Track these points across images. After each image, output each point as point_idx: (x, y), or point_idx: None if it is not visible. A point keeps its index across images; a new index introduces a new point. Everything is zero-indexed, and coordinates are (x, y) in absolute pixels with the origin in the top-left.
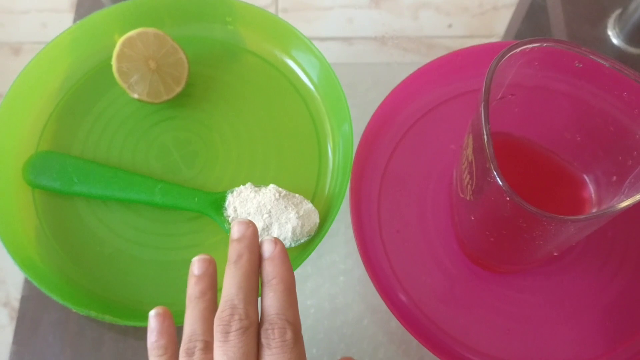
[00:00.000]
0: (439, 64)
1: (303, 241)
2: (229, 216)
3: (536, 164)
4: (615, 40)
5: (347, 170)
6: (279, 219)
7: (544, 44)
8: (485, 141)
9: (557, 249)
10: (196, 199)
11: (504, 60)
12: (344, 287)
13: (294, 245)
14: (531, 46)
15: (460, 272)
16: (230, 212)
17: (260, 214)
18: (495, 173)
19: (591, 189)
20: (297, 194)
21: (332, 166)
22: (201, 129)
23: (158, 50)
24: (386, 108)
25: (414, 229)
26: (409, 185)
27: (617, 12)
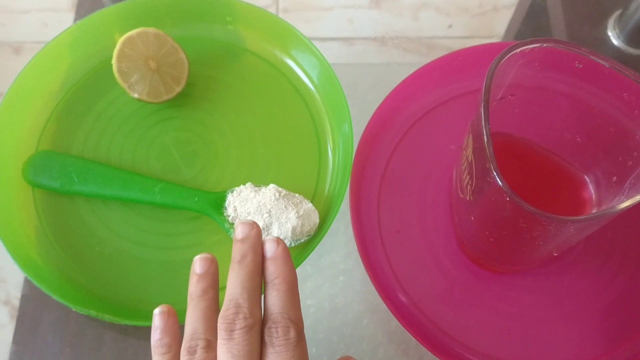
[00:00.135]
0: (439, 65)
1: (303, 241)
2: (229, 216)
3: (536, 165)
4: (615, 41)
5: (347, 170)
6: (279, 218)
7: (544, 45)
8: (485, 141)
9: (557, 249)
10: (196, 198)
11: (504, 60)
12: (344, 286)
13: (293, 244)
14: (531, 47)
15: (460, 272)
16: (230, 211)
17: (260, 213)
18: (495, 173)
19: (591, 189)
20: (297, 194)
21: (332, 166)
22: (201, 129)
23: (158, 50)
24: (386, 108)
25: (413, 229)
26: (408, 185)
27: (617, 13)
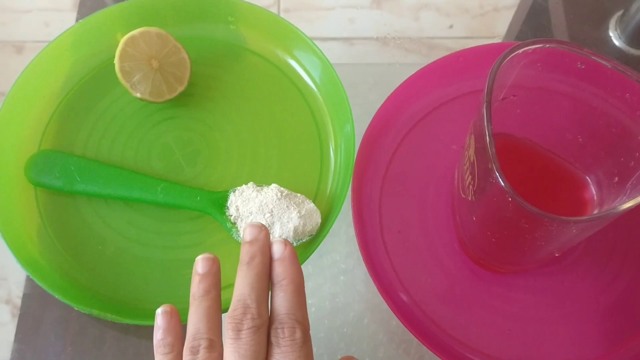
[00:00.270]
0: (441, 65)
1: (305, 240)
2: (231, 215)
3: (538, 165)
4: (616, 42)
5: (348, 170)
6: (280, 218)
7: (547, 45)
8: (488, 142)
9: (558, 249)
10: (198, 198)
11: (506, 61)
12: (345, 286)
13: (295, 244)
14: (534, 47)
15: (461, 272)
16: (232, 211)
17: (262, 213)
18: (497, 174)
19: (593, 190)
20: (299, 194)
21: (333, 166)
22: (203, 129)
23: (161, 49)
24: (388, 109)
25: (415, 229)
26: (410, 185)
27: (618, 14)
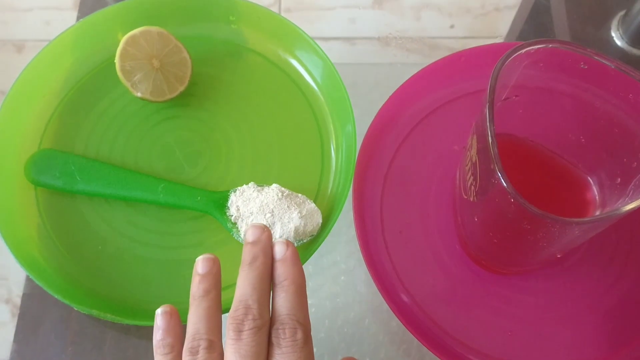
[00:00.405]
0: (443, 65)
1: (305, 241)
2: (232, 215)
3: (540, 166)
4: (618, 42)
5: (349, 170)
6: (281, 218)
7: (549, 45)
8: (490, 142)
9: (560, 251)
10: (199, 198)
11: (509, 61)
12: (345, 286)
13: (296, 245)
14: (536, 47)
15: (463, 273)
16: (232, 211)
17: (263, 213)
18: (500, 174)
19: (595, 190)
20: (299, 194)
21: (335, 166)
22: (204, 128)
23: (162, 49)
24: (389, 109)
25: (416, 229)
26: (411, 186)
27: (620, 14)
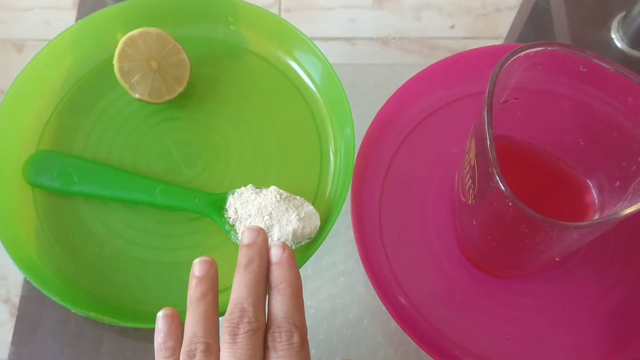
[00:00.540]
0: (442, 67)
1: (304, 243)
2: (230, 217)
3: (539, 169)
4: (618, 44)
5: (348, 172)
6: (279, 220)
7: (549, 48)
8: (488, 145)
9: (559, 254)
10: (197, 200)
11: (507, 63)
12: (344, 288)
13: (294, 247)
14: (535, 50)
15: (461, 276)
16: (231, 213)
17: (261, 215)
18: (498, 178)
19: (594, 194)
20: (298, 196)
21: (333, 168)
22: (202, 130)
23: (160, 50)
24: (388, 110)
25: (415, 232)
26: (410, 188)
27: (620, 15)
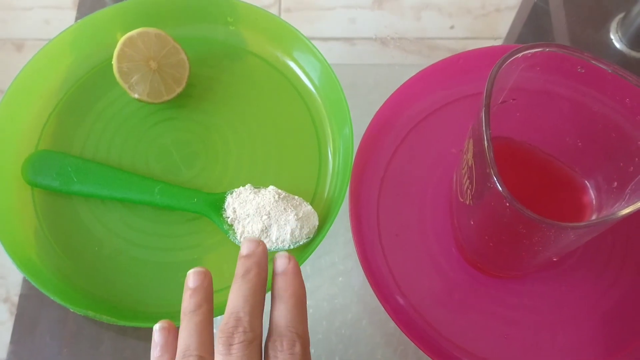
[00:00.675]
0: (441, 67)
1: (302, 243)
2: (228, 217)
3: (537, 169)
4: (617, 44)
5: (346, 172)
6: (278, 220)
7: (547, 49)
8: (486, 146)
9: (556, 254)
10: (195, 199)
11: (505, 64)
12: (343, 287)
13: (292, 247)
14: (533, 51)
15: (459, 276)
16: (229, 213)
17: (260, 215)
18: (495, 179)
19: (592, 194)
20: (296, 196)
21: (332, 168)
22: (201, 130)
23: (159, 50)
24: (387, 110)
25: (413, 232)
26: (408, 188)
27: (619, 16)
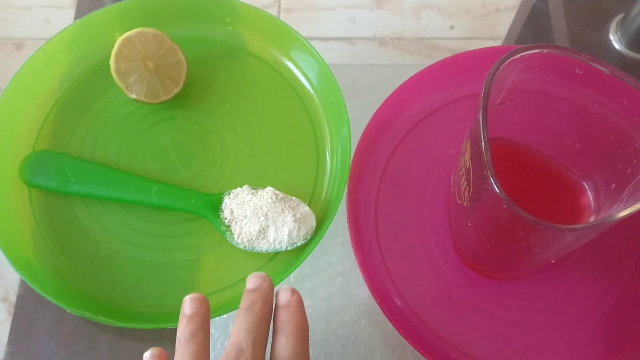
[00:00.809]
0: (439, 68)
1: (299, 244)
2: (226, 218)
3: (535, 171)
4: (617, 45)
5: (344, 173)
6: (275, 221)
7: (544, 50)
8: (483, 148)
9: (554, 256)
10: (193, 200)
11: (503, 65)
12: (341, 288)
13: (290, 248)
14: (531, 52)
15: (457, 277)
16: (226, 214)
17: (257, 216)
18: (492, 180)
19: (590, 196)
20: (294, 197)
21: (329, 169)
22: (199, 130)
23: (157, 50)
24: (385, 111)
25: (411, 233)
26: (406, 189)
27: (619, 17)
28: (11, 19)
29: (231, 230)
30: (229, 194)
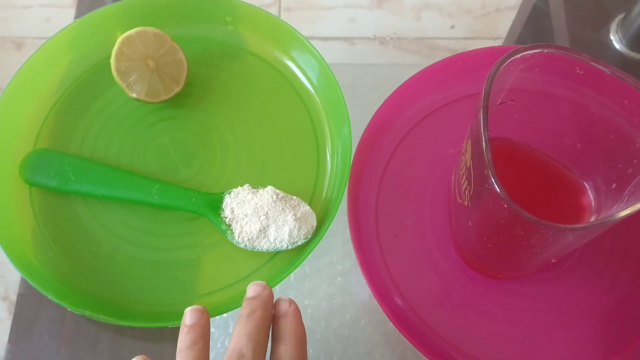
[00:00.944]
0: (440, 67)
1: (300, 243)
2: (226, 217)
3: (535, 170)
4: (617, 45)
5: (345, 173)
6: (276, 221)
7: (545, 50)
8: (484, 147)
9: (555, 255)
10: (193, 199)
11: (504, 65)
12: (342, 287)
13: (290, 247)
14: (532, 52)
15: (458, 277)
16: (227, 213)
17: (258, 215)
18: (493, 180)
19: (591, 196)
20: (294, 196)
21: (330, 169)
22: (200, 130)
23: (157, 49)
24: (385, 111)
25: (411, 233)
26: (407, 188)
27: (619, 17)
28: (11, 18)
29: (232, 230)
30: (229, 193)
